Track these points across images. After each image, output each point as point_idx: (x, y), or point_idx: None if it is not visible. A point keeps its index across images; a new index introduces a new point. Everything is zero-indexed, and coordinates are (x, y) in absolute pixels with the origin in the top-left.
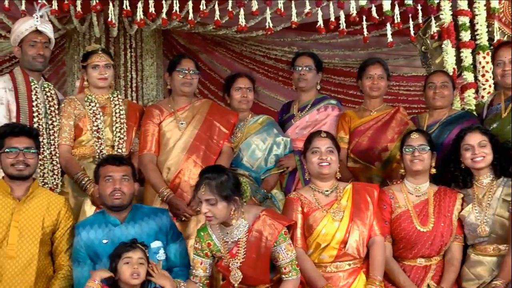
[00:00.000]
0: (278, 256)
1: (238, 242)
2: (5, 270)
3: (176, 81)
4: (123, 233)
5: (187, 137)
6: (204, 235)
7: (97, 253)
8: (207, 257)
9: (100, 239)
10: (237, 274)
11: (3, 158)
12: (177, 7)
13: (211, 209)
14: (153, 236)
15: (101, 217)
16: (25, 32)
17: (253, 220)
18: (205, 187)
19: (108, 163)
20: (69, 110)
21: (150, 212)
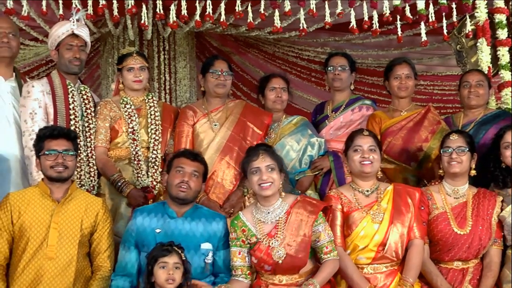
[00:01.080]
0: (320, 236)
1: (277, 223)
2: (45, 271)
3: (209, 82)
4: (178, 226)
5: (221, 138)
6: (238, 222)
7: (146, 241)
8: (244, 245)
9: (153, 228)
10: (280, 251)
11: (43, 161)
12: (210, 9)
13: (271, 175)
14: (205, 238)
15: (161, 207)
16: (62, 36)
17: (292, 202)
18: (263, 154)
19: (184, 156)
20: (105, 112)
21: (209, 215)
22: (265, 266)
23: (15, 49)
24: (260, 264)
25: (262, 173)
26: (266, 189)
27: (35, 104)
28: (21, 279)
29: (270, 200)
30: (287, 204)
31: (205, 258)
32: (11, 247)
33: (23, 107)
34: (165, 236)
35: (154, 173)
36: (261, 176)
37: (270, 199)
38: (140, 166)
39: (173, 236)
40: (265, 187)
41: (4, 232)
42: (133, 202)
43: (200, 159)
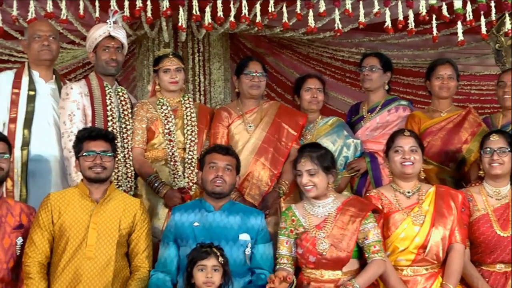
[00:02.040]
0: (368, 234)
1: (327, 218)
2: (84, 271)
3: (244, 84)
4: (216, 219)
5: (256, 139)
6: (289, 212)
7: (185, 235)
8: (292, 235)
9: (191, 222)
10: (324, 242)
11: (82, 162)
12: (245, 10)
13: (311, 179)
14: (243, 230)
15: (198, 203)
16: (99, 38)
17: (343, 199)
18: (305, 158)
19: (215, 151)
20: (142, 113)
21: (246, 210)
22: (310, 257)
23: (55, 51)
24: (305, 255)
25: (303, 177)
26: (308, 191)
27: (74, 106)
28: (61, 278)
29: (320, 198)
30: (339, 202)
31: (244, 250)
32: (51, 246)
33: (62, 108)
34: (203, 229)
35: (191, 174)
36: (302, 179)
37: (320, 197)
38: (177, 167)
39: (211, 228)
40: (307, 189)
41: (45, 232)
42: (169, 203)
43: (231, 153)
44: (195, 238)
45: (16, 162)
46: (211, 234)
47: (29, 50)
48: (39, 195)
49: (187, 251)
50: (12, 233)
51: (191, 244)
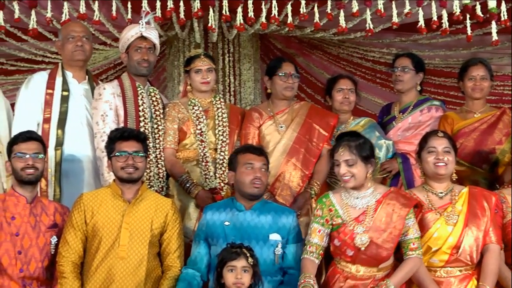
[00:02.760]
0: (408, 230)
1: (366, 210)
2: (117, 270)
3: (277, 85)
4: (246, 218)
5: (287, 140)
6: (326, 201)
7: (216, 234)
8: (326, 224)
9: (222, 221)
10: (363, 237)
11: (114, 162)
12: (276, 10)
13: (350, 169)
14: (274, 230)
15: (230, 202)
16: (131, 38)
17: (384, 192)
18: (344, 148)
19: (249, 151)
20: (173, 114)
21: (278, 209)
22: (347, 250)
23: (88, 52)
24: (343, 248)
25: (341, 167)
26: (346, 182)
27: (106, 106)
28: (94, 278)
29: (359, 188)
30: (379, 194)
31: (274, 250)
32: (84, 246)
33: (95, 109)
34: (234, 228)
35: (222, 174)
36: (340, 169)
37: (358, 188)
38: (208, 168)
39: (242, 228)
40: (345, 179)
41: (78, 232)
42: (201, 203)
43: (264, 153)
44: (225, 237)
45: (50, 162)
46: (241, 234)
47: (63, 50)
48: (72, 195)
49: (217, 250)
50: (47, 232)
51: (222, 243)
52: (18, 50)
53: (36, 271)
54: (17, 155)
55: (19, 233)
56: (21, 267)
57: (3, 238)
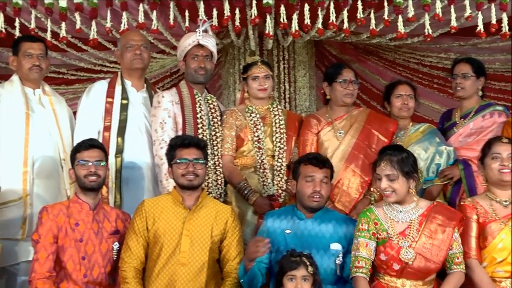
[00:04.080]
0: (453, 244)
1: (410, 224)
2: (178, 277)
3: (337, 91)
4: (307, 227)
5: (345, 146)
6: (370, 215)
7: (276, 242)
8: (373, 238)
9: (283, 229)
10: (409, 252)
11: (174, 169)
12: (333, 17)
13: (391, 184)
14: (335, 239)
15: (290, 210)
16: (188, 46)
17: (427, 206)
18: (385, 162)
19: (311, 163)
20: (231, 121)
21: (339, 218)
22: (394, 264)
23: (146, 60)
24: (389, 262)
25: (382, 181)
26: (387, 197)
27: (165, 114)
28: (156, 284)
29: (402, 202)
30: (421, 208)
31: (335, 259)
32: (146, 252)
33: (153, 116)
34: (295, 236)
35: (280, 181)
36: (381, 184)
37: (401, 202)
38: (266, 174)
39: (303, 236)
40: (386, 194)
41: (140, 238)
42: (259, 210)
43: (328, 165)
44: (286, 245)
45: (111, 169)
46: (302, 242)
47: (122, 59)
48: (133, 201)
49: (278, 257)
50: (109, 239)
51: (282, 251)
52: (78, 60)
53: (99, 277)
54: (80, 163)
55: (82, 239)
56: (85, 272)
57: (67, 244)
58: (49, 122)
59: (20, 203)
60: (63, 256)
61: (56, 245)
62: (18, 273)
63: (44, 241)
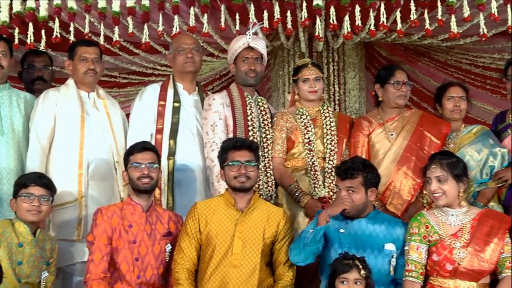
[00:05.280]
0: (504, 247)
1: (462, 227)
2: (230, 279)
3: (390, 93)
4: (361, 227)
5: (397, 148)
6: (421, 219)
7: (330, 239)
8: (424, 240)
9: (337, 228)
10: (461, 252)
11: (227, 171)
12: (384, 18)
13: (441, 186)
14: (389, 240)
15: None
16: (239, 49)
17: (478, 211)
18: (435, 165)
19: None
20: (281, 123)
21: (391, 220)
22: (446, 265)
23: (198, 64)
24: (442, 263)
25: (432, 183)
26: (437, 199)
27: (216, 116)
28: (208, 285)
29: (453, 206)
30: (473, 214)
31: (390, 260)
32: (198, 254)
33: (205, 119)
34: (349, 235)
35: (331, 183)
36: (431, 186)
37: (453, 205)
38: (317, 177)
39: (357, 236)
40: (436, 197)
41: (193, 240)
42: (310, 212)
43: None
44: (340, 244)
45: (163, 172)
46: (356, 242)
47: (174, 63)
48: (185, 204)
49: (330, 254)
50: (162, 240)
51: (336, 249)
52: (130, 64)
53: (152, 278)
54: (133, 165)
55: (136, 241)
56: (138, 273)
57: (121, 245)
58: (103, 125)
59: (75, 205)
60: (117, 257)
61: (110, 246)
62: (74, 274)
63: (98, 242)
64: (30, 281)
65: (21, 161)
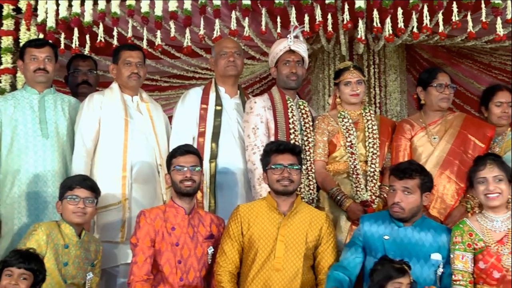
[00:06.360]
0: None
1: (508, 233)
2: (273, 282)
3: (433, 96)
4: (407, 235)
5: (440, 152)
6: (464, 227)
7: (374, 247)
8: (468, 249)
9: (381, 235)
10: (510, 259)
11: (269, 174)
12: (427, 20)
13: (498, 185)
14: (435, 249)
15: (387, 215)
16: (280, 52)
17: None
18: (491, 164)
19: (394, 174)
20: (323, 126)
21: (437, 227)
22: (493, 272)
23: (240, 67)
24: (489, 270)
25: (489, 184)
26: (492, 200)
27: (257, 120)
28: None
29: (499, 211)
30: None
31: (436, 270)
32: (241, 256)
33: (246, 122)
34: (394, 243)
35: (373, 187)
36: (488, 186)
37: (499, 209)
38: (359, 180)
39: (402, 244)
40: (491, 197)
41: (235, 243)
42: (352, 216)
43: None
44: (384, 251)
45: (205, 174)
46: (402, 250)
47: (216, 66)
48: (227, 206)
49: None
50: (204, 243)
51: None
52: (172, 67)
53: (194, 280)
54: (176, 168)
55: (179, 243)
56: (181, 276)
57: (164, 247)
58: (146, 128)
59: (119, 207)
60: (160, 259)
61: (154, 248)
62: (117, 275)
63: (142, 244)
64: (75, 282)
65: (65, 164)
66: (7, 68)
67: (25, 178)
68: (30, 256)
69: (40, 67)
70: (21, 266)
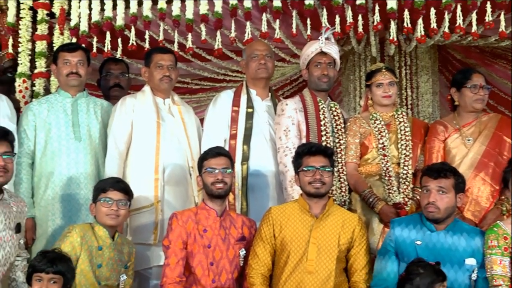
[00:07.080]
0: None
1: None
2: (305, 285)
3: (467, 97)
4: (440, 240)
5: (474, 153)
6: (498, 230)
7: (406, 252)
8: (506, 253)
9: (413, 240)
10: None
11: (301, 177)
12: (460, 20)
13: None
14: (469, 253)
15: (418, 219)
16: (311, 54)
17: None
18: None
19: (427, 174)
20: (355, 128)
21: (471, 230)
22: None
23: (271, 70)
24: None
25: None
26: None
27: (289, 122)
28: None
29: None
30: None
31: (470, 275)
32: (273, 259)
33: (277, 124)
34: (426, 248)
35: (406, 189)
36: None
37: None
38: (391, 182)
39: (435, 249)
40: None
41: (267, 245)
42: (385, 218)
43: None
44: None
45: (237, 177)
46: (435, 255)
47: (247, 69)
48: (258, 209)
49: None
50: (236, 245)
51: None
52: (202, 70)
53: (226, 282)
54: (208, 170)
55: (210, 245)
56: (213, 278)
57: (196, 250)
58: (178, 131)
59: (152, 209)
60: (192, 261)
61: (186, 251)
62: (150, 277)
63: (174, 246)
64: (109, 284)
65: (97, 166)
66: (41, 72)
67: (58, 181)
68: (56, 258)
69: (73, 71)
70: (49, 270)
